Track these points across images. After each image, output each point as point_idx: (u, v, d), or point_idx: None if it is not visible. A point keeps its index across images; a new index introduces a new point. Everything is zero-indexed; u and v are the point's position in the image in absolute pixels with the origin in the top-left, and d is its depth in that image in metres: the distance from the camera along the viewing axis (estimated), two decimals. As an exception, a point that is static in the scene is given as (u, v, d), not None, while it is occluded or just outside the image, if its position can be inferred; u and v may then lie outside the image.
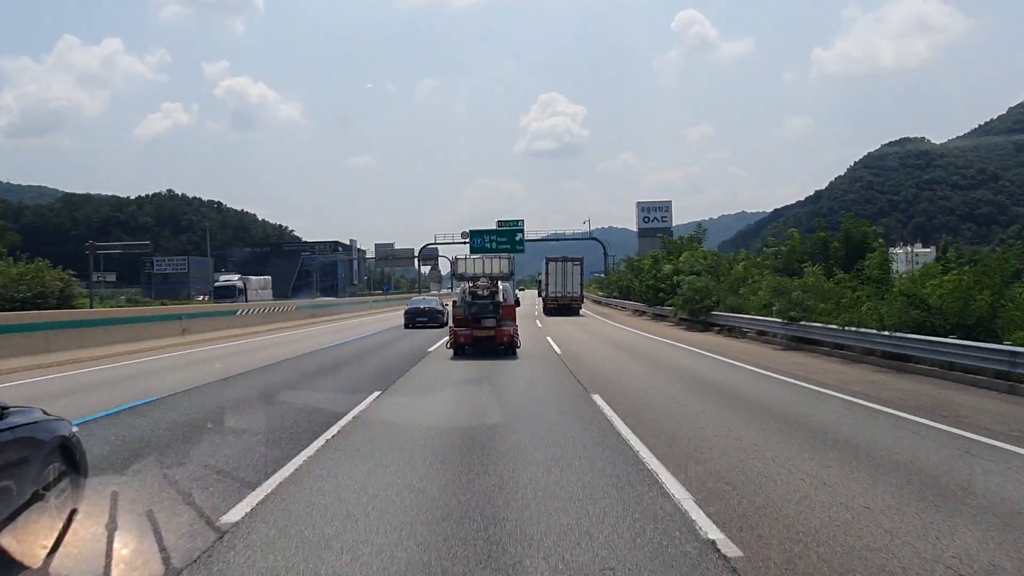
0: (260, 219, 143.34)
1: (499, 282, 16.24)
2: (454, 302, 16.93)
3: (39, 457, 3.84)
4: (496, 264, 16.32)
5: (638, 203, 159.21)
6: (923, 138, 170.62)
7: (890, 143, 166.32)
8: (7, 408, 3.83)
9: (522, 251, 60.22)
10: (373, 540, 4.00)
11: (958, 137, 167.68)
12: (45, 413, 4.29)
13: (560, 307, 38.96)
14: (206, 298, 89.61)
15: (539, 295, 64.38)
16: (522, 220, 65.00)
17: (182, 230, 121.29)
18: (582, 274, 41.36)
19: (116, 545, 3.77)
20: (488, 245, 59.59)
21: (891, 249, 28.50)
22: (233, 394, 10.18)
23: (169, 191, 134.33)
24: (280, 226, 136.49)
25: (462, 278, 16.43)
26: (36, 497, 3.78)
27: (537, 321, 31.12)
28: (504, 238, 60.41)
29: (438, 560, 3.72)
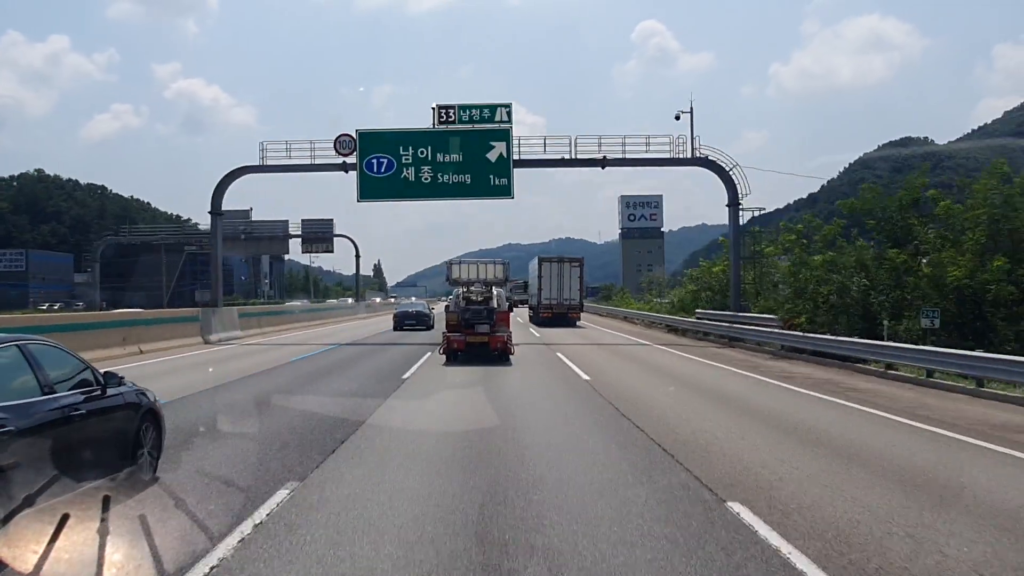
0: (152, 207, 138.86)
1: (493, 287, 18.43)
2: (447, 307, 19.01)
3: (138, 416, 6.14)
4: (491, 270, 18.86)
5: (621, 197, 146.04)
6: (926, 138, 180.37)
7: (890, 143, 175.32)
8: (123, 378, 6.08)
9: (507, 187, 27.73)
10: None
11: (959, 139, 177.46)
12: (134, 385, 6.37)
13: (555, 316, 37.85)
14: (56, 307, 72.16)
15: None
16: (508, 107, 27.96)
17: (46, 219, 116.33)
18: (582, 277, 39.58)
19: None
20: (410, 174, 27.58)
21: None
22: None
23: (38, 171, 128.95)
24: (176, 216, 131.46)
25: (456, 283, 18.73)
26: (137, 445, 6.04)
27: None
28: (458, 153, 27.49)
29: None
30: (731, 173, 28.12)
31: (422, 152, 27.74)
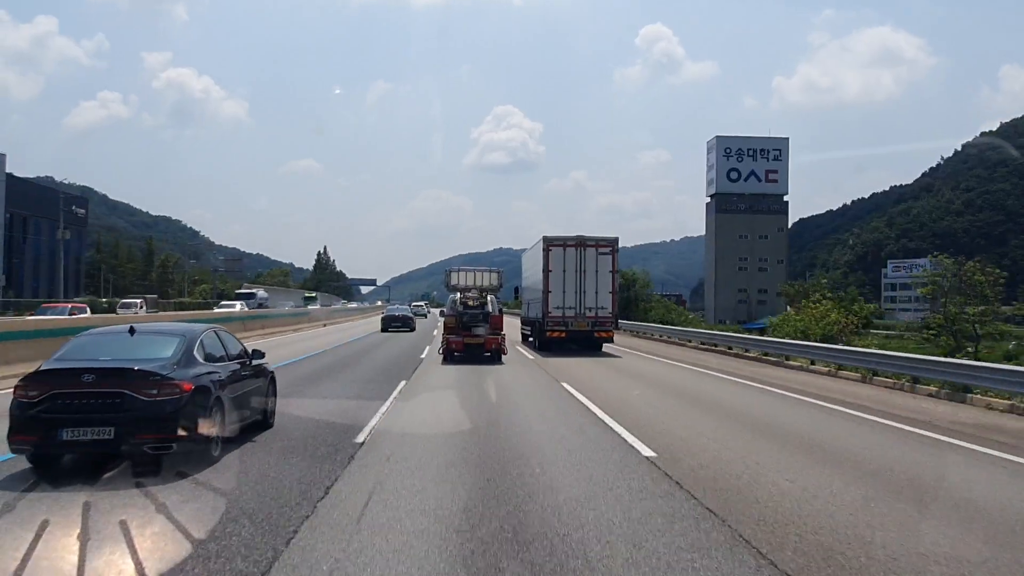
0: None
1: (488, 294, 20.86)
2: (443, 311, 22.02)
3: (267, 378, 9.27)
4: (486, 277, 21.43)
5: (717, 139, 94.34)
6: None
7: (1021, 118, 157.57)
8: (263, 353, 9.03)
9: None
10: None
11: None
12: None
13: (571, 336, 24.30)
14: None
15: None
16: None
17: None
18: (615, 271, 24.48)
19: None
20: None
21: None
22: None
23: None
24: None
25: (454, 289, 21.14)
26: (268, 397, 9.09)
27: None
28: None
29: None
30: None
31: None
